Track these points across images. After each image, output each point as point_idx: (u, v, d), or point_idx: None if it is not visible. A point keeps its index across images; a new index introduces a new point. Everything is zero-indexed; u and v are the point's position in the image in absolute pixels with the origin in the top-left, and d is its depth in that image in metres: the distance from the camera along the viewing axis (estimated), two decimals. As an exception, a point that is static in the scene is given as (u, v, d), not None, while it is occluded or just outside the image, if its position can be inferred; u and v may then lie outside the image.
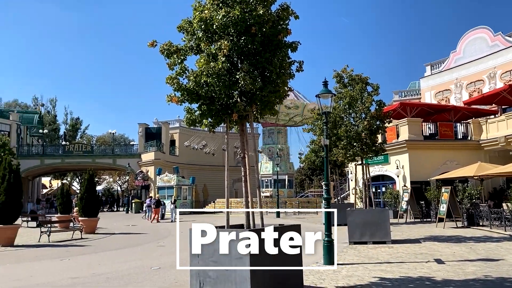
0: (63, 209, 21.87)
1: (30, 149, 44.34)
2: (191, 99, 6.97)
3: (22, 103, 66.81)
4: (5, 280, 8.83)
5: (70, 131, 66.68)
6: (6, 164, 15.02)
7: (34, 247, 14.47)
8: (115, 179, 64.19)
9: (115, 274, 9.25)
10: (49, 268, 10.33)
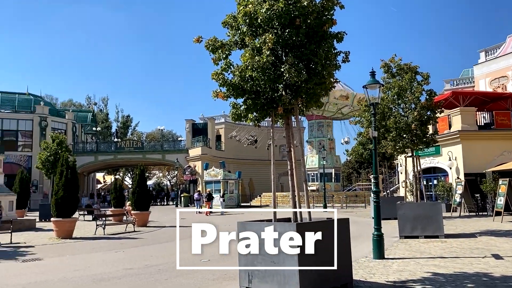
0: (116, 203, 22.84)
1: (85, 146, 46.54)
2: (237, 94, 7.01)
3: (76, 103, 70.24)
4: (66, 270, 9.36)
5: (122, 128, 69.41)
6: (63, 161, 15.87)
7: (90, 239, 15.21)
8: (165, 174, 66.13)
9: (167, 266, 9.54)
10: (104, 259, 10.82)
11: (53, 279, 8.40)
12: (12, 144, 40.15)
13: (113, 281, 8.05)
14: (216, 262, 9.94)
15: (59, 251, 12.51)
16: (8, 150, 34.01)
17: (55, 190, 15.53)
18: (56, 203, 15.17)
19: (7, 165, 26.23)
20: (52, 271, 9.25)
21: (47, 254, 11.71)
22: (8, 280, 8.34)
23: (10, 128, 41.13)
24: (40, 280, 8.32)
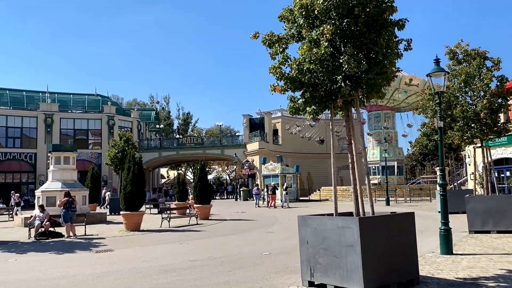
0: (180, 197, 23.68)
1: (149, 143, 48.62)
2: (294, 87, 6.98)
3: (140, 102, 73.50)
4: (135, 261, 9.87)
5: (182, 125, 71.73)
6: (130, 157, 16.69)
7: (156, 231, 15.90)
8: (224, 169, 67.46)
9: (229, 258, 9.76)
10: (170, 251, 11.27)
11: (124, 269, 8.90)
12: (84, 142, 42.87)
13: (179, 272, 8.37)
14: (276, 255, 10.04)
15: (128, 242, 13.20)
16: (80, 148, 36.34)
17: (123, 185, 16.38)
18: (124, 197, 16.01)
19: (79, 162, 28.08)
20: (122, 262, 9.79)
21: (117, 246, 12.41)
22: (85, 270, 8.94)
23: (81, 128, 43.91)
24: (112, 270, 8.84)
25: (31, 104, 43.15)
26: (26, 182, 40.89)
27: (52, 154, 21.21)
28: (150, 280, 7.73)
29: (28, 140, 41.45)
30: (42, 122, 41.35)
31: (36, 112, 41.60)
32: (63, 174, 20.77)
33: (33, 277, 8.37)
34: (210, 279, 7.68)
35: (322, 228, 6.48)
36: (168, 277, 7.94)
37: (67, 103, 45.41)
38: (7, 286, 7.63)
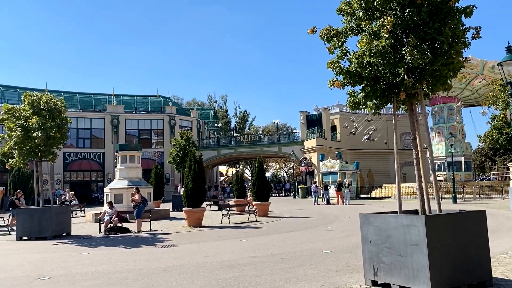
0: (238, 194, 24.02)
1: (208, 142, 49.82)
2: (354, 82, 6.81)
3: (199, 101, 75.51)
4: (197, 256, 10.14)
5: (240, 123, 72.74)
6: (191, 156, 17.18)
7: (217, 228, 16.24)
8: (281, 166, 67.54)
9: (289, 255, 9.74)
10: (231, 247, 11.46)
11: (187, 264, 9.17)
12: (147, 142, 44.79)
13: (240, 268, 8.48)
14: (337, 253, 9.88)
15: (191, 238, 13.61)
16: (144, 147, 37.94)
17: (185, 183, 16.90)
18: (186, 194, 16.52)
19: (144, 160, 29.30)
20: (186, 257, 10.10)
21: (180, 241, 12.82)
22: (151, 264, 9.33)
23: (145, 128, 45.91)
24: (177, 264, 9.15)
25: (99, 106, 45.80)
26: (95, 180, 43.47)
27: (119, 154, 22.34)
28: (212, 275, 7.90)
29: (97, 140, 44.02)
30: (109, 123, 43.72)
31: (103, 114, 44.06)
32: (129, 172, 21.81)
33: (104, 270, 8.86)
34: (271, 276, 7.71)
35: (386, 227, 6.28)
36: (229, 273, 8.08)
37: (131, 104, 47.71)
38: (83, 277, 8.14)
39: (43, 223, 14.37)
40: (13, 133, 14.56)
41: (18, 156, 14.83)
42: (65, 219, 15.46)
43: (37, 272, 8.74)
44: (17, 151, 14.69)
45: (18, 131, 14.45)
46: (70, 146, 41.68)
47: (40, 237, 14.19)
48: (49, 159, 15.39)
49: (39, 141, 14.37)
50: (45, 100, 15.11)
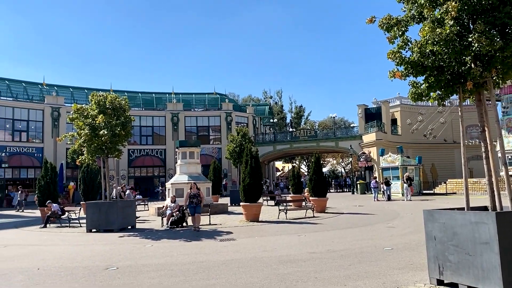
0: (295, 189, 23.93)
1: (264, 137, 50.09)
2: (416, 72, 6.51)
3: (255, 97, 76.10)
4: (256, 250, 10.24)
5: (295, 118, 72.44)
6: (248, 151, 17.35)
7: (274, 223, 16.29)
8: (339, 161, 66.44)
9: (349, 252, 9.56)
10: (289, 242, 11.45)
11: (246, 257, 9.29)
12: (205, 138, 45.88)
13: (298, 263, 8.45)
14: (399, 251, 9.55)
15: (249, 232, 13.77)
16: (203, 143, 38.89)
17: (242, 178, 17.12)
18: (243, 189, 16.73)
19: (202, 156, 30.04)
20: (244, 251, 10.24)
21: (239, 235, 13.01)
22: (211, 257, 9.56)
23: (203, 124, 47.06)
24: (236, 258, 9.30)
25: (160, 104, 47.58)
26: (158, 175, 45.23)
27: (179, 150, 23.07)
28: (271, 270, 7.94)
29: (158, 137, 45.77)
30: (169, 121, 45.27)
31: (164, 112, 45.71)
32: (189, 168, 22.46)
33: (167, 262, 9.20)
34: (330, 272, 7.61)
35: (452, 224, 5.97)
36: (288, 268, 8.08)
37: (190, 102, 49.12)
38: (147, 268, 8.51)
39: (110, 217, 15.20)
40: (82, 131, 15.49)
41: (87, 153, 15.77)
42: (130, 213, 16.23)
43: (105, 262, 9.25)
44: (86, 148, 15.62)
45: (87, 129, 15.34)
46: (134, 143, 43.64)
47: (107, 229, 15.01)
48: (115, 155, 16.23)
49: (105, 138, 15.18)
50: (110, 99, 15.92)
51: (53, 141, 38.68)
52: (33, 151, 38.75)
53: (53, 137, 38.78)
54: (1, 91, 39.16)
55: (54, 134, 38.82)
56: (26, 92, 41.62)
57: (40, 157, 37.40)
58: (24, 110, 39.02)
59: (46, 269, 8.69)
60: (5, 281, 7.67)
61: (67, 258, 10.02)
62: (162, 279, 7.49)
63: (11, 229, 17.21)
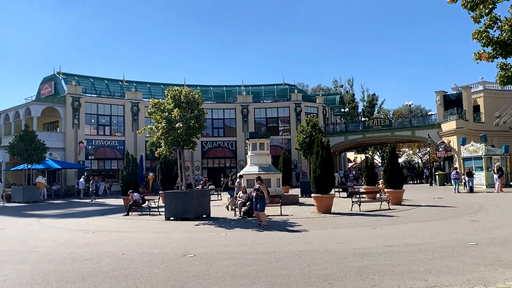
0: (369, 181, 23.25)
1: (335, 127, 49.16)
2: (506, 53, 5.96)
3: (324, 87, 74.83)
4: (328, 242, 10.09)
5: (368, 107, 70.20)
6: (318, 142, 17.10)
7: (347, 215, 15.95)
8: (415, 151, 63.43)
9: (428, 246, 9.09)
10: (363, 235, 11.14)
11: (319, 249, 9.19)
12: (275, 129, 46.05)
13: (374, 257, 8.19)
14: (484, 246, 8.90)
15: (321, 224, 13.61)
16: (272, 134, 39.09)
17: (313, 169, 16.93)
18: (314, 180, 16.55)
19: (272, 147, 30.17)
20: (317, 242, 10.13)
21: (311, 227, 12.91)
22: (283, 247, 9.59)
23: (272, 116, 47.24)
24: (308, 249, 9.23)
25: (230, 97, 48.55)
26: (229, 167, 46.30)
27: (249, 141, 23.37)
28: (345, 262, 7.78)
29: (229, 129, 46.77)
30: (239, 113, 46.04)
31: (234, 105, 46.56)
32: (259, 159, 22.68)
33: (241, 250, 9.38)
34: (408, 266, 7.29)
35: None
36: (363, 261, 7.86)
37: (259, 94, 49.53)
38: (222, 256, 8.74)
39: (186, 206, 15.82)
40: (159, 124, 16.24)
41: (164, 145, 16.53)
42: (205, 202, 16.78)
43: (183, 249, 9.65)
44: (163, 140, 16.37)
45: (163, 122, 16.05)
46: (206, 135, 44.99)
47: (184, 218, 15.65)
48: (189, 147, 16.84)
49: (181, 131, 15.79)
50: (184, 93, 16.50)
51: (133, 134, 41.07)
52: (116, 144, 41.45)
53: (133, 131, 41.18)
54: (87, 89, 42.25)
55: (134, 128, 41.17)
56: (108, 89, 44.55)
57: (122, 149, 39.90)
58: (107, 106, 41.81)
59: (130, 254, 9.26)
60: (95, 264, 8.29)
61: (148, 244, 10.59)
62: (236, 267, 7.65)
63: (98, 216, 18.57)
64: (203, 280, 6.81)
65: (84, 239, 11.93)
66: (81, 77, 43.86)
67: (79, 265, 8.23)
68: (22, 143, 28.46)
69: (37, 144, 29.00)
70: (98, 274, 7.39)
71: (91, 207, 23.61)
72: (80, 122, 39.14)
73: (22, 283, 6.87)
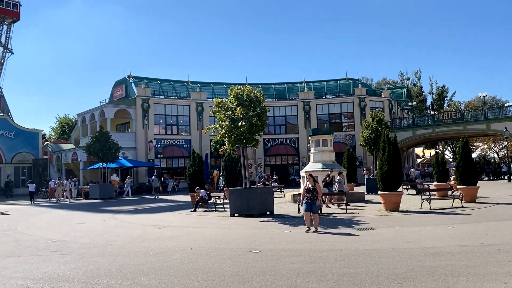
0: (439, 177, 22.15)
1: (401, 122, 47.30)
2: None
3: (390, 80, 72.26)
4: (397, 241, 9.75)
5: (437, 100, 66.86)
6: (384, 137, 16.57)
7: (416, 213, 15.31)
8: (490, 146, 59.39)
9: (508, 247, 8.48)
10: (434, 234, 10.64)
11: (387, 248, 8.91)
12: (338, 125, 45.20)
13: (447, 257, 7.79)
14: None
15: (389, 222, 13.18)
16: (335, 131, 38.41)
17: (379, 165, 16.44)
18: (381, 177, 16.06)
19: (335, 144, 29.65)
20: (384, 241, 9.83)
21: (378, 225, 12.55)
22: (349, 245, 9.41)
23: (335, 112, 46.43)
24: (376, 248, 8.98)
25: (291, 94, 48.41)
26: (291, 164, 46.24)
27: (312, 138, 23.18)
28: (415, 262, 7.47)
29: (291, 126, 46.64)
30: (301, 110, 45.75)
31: (296, 101, 46.36)
32: (322, 156, 22.43)
33: (306, 248, 9.35)
34: (485, 268, 6.85)
35: None
36: (435, 261, 7.50)
37: (321, 90, 48.89)
38: (287, 253, 8.76)
39: (250, 202, 16.05)
40: (223, 123, 16.62)
41: (228, 143, 16.89)
42: (269, 199, 16.91)
43: (248, 245, 9.80)
44: (227, 138, 16.72)
45: (227, 121, 16.40)
46: (269, 133, 45.23)
47: (248, 214, 15.89)
48: (252, 145, 17.06)
49: (243, 129, 16.04)
50: (246, 92, 16.73)
51: (198, 133, 42.36)
52: (182, 142, 42.97)
53: (198, 130, 42.46)
54: (155, 91, 44.22)
55: (199, 127, 42.43)
56: (174, 90, 46.31)
57: (188, 148, 41.30)
58: (174, 107, 43.46)
59: (198, 249, 9.58)
60: (166, 258, 8.67)
61: (215, 240, 10.89)
62: (302, 264, 7.63)
63: (167, 212, 19.40)
64: (269, 276, 6.87)
65: (155, 234, 12.52)
66: (149, 79, 46.00)
67: (151, 258, 8.65)
68: (98, 144, 30.46)
69: (111, 144, 30.89)
70: (169, 268, 7.72)
71: (161, 203, 24.71)
72: (149, 123, 41.06)
73: (101, 275, 7.35)
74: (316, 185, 11.88)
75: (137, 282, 6.76)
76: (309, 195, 11.70)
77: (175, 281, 6.73)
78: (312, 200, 11.66)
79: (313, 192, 11.71)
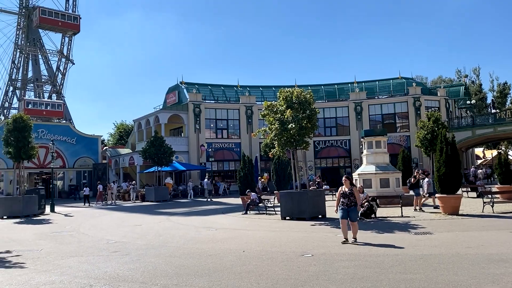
0: (503, 179, 20.90)
1: (460, 122, 45.12)
2: None
3: (446, 78, 69.25)
4: (457, 246, 9.26)
5: (498, 97, 63.18)
6: (442, 138, 15.88)
7: (477, 217, 14.52)
8: None
9: None
10: (498, 239, 10.04)
11: (446, 253, 8.50)
12: (391, 126, 43.83)
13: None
14: None
15: (447, 226, 12.59)
16: (389, 132, 37.26)
17: (436, 167, 15.77)
18: (439, 179, 15.39)
19: (389, 145, 28.79)
20: (443, 246, 9.39)
21: (436, 229, 12.01)
22: (406, 250, 9.08)
23: (388, 112, 45.07)
24: (434, 253, 8.60)
25: (342, 95, 47.62)
26: (343, 166, 45.40)
27: (365, 139, 22.62)
28: (479, 269, 7.07)
29: (342, 128, 45.84)
30: (352, 111, 44.85)
31: (347, 102, 45.52)
32: (376, 158, 21.82)
33: (360, 252, 9.12)
34: (558, 277, 6.35)
35: None
36: (500, 268, 7.07)
37: (373, 90, 47.69)
38: (340, 257, 8.60)
39: (301, 205, 15.93)
40: (272, 126, 16.64)
41: (277, 146, 16.89)
42: (320, 203, 16.70)
43: (300, 249, 9.72)
44: (277, 141, 16.72)
45: (276, 124, 16.40)
46: (319, 135, 44.73)
47: (300, 217, 15.78)
48: (302, 147, 16.94)
49: (293, 132, 15.97)
50: (296, 94, 16.66)
51: (248, 137, 42.72)
52: (232, 146, 43.55)
53: (248, 133, 42.83)
54: (206, 96, 45.17)
55: (249, 130, 42.79)
56: (224, 94, 47.07)
57: (238, 151, 41.77)
58: (224, 111, 44.17)
59: (250, 251, 9.63)
60: (219, 260, 8.79)
61: (267, 243, 10.90)
62: (356, 269, 7.46)
63: (219, 214, 19.70)
64: (322, 280, 6.77)
65: (208, 236, 12.74)
66: (200, 85, 47.09)
67: (205, 260, 8.81)
68: (153, 148, 31.60)
69: (165, 148, 31.93)
70: (222, 270, 7.82)
71: (213, 206, 25.15)
72: (201, 127, 42.01)
73: (157, 275, 7.58)
74: (354, 189, 10.65)
75: (192, 283, 6.91)
76: (345, 201, 10.48)
77: (228, 283, 6.81)
78: (349, 206, 10.46)
79: (350, 197, 10.49)
